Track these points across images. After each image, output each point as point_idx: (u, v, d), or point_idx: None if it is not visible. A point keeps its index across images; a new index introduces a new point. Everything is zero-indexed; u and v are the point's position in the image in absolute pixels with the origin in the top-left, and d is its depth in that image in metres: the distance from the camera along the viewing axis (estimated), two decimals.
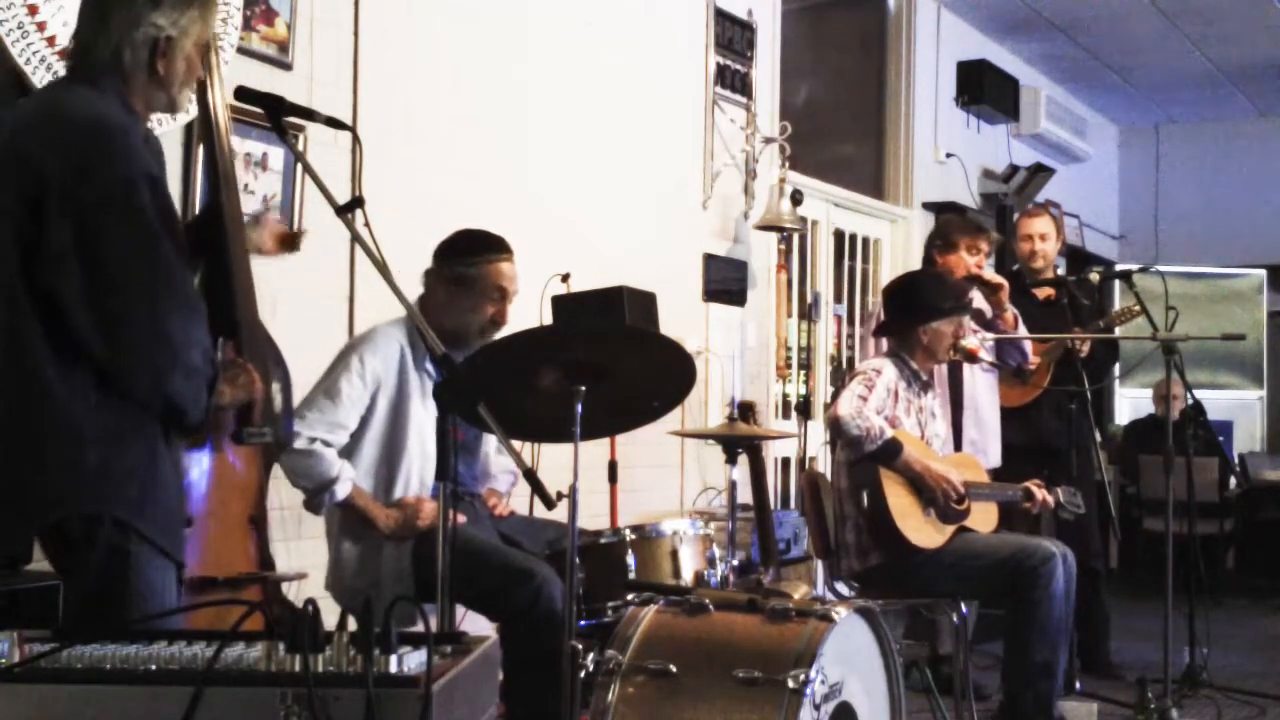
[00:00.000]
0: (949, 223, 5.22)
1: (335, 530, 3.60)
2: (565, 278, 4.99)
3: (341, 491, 3.46)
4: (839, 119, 8.09)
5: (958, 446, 4.71)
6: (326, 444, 3.47)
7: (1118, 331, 5.47)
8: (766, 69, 6.73)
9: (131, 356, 2.36)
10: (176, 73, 2.53)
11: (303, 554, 3.90)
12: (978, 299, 4.90)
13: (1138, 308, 4.98)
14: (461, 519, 3.42)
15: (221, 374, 2.51)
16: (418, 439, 3.54)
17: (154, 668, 1.84)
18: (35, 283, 2.34)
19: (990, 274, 5.01)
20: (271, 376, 2.75)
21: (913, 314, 4.35)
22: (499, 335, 3.58)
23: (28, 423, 2.35)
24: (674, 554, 3.52)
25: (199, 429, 2.53)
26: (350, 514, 3.52)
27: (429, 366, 3.55)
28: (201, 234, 2.70)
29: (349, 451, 3.53)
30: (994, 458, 4.91)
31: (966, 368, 4.82)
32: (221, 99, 2.89)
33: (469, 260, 3.59)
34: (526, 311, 4.85)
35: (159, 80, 2.51)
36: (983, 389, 4.96)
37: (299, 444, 3.42)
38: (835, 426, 4.15)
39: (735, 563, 3.67)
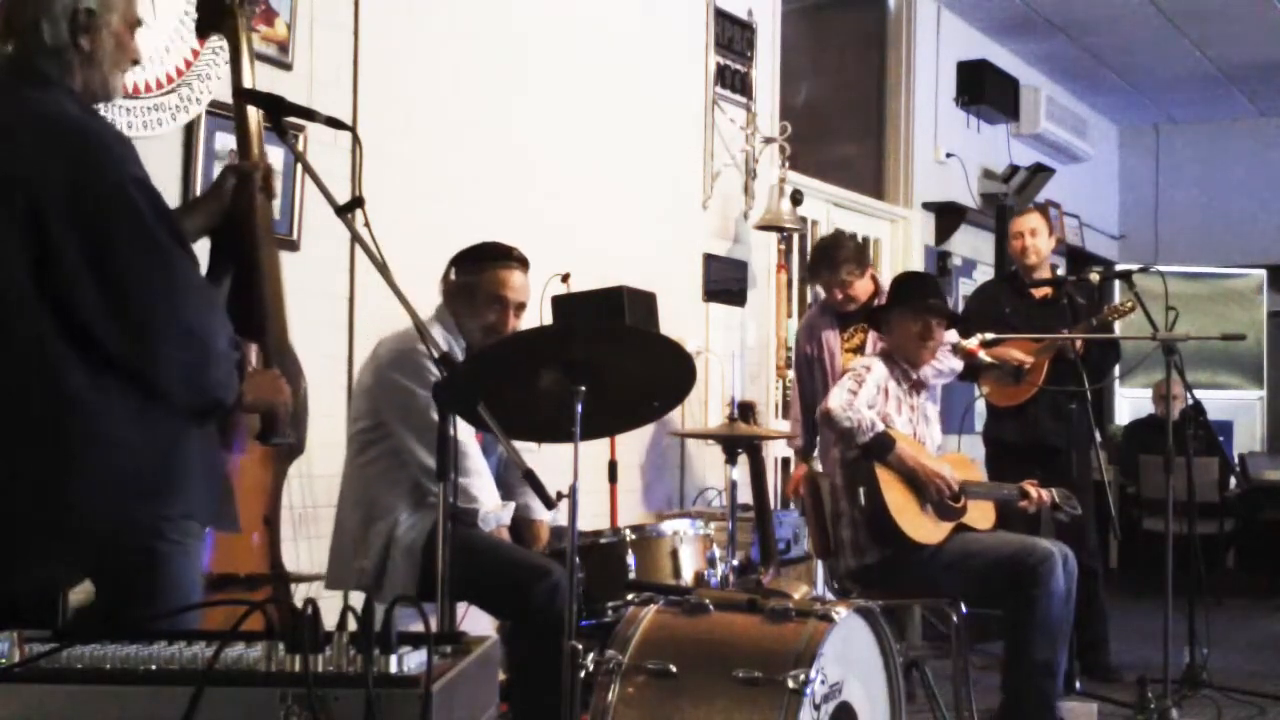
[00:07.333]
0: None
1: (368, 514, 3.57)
2: (565, 278, 5.00)
3: None
4: (839, 119, 8.09)
5: None
6: None
7: (1115, 326, 5.46)
8: (766, 69, 6.72)
9: (161, 358, 2.34)
10: (104, 50, 2.43)
11: (313, 554, 3.90)
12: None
13: (1131, 303, 5.01)
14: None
15: (246, 378, 2.50)
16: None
17: (154, 668, 1.84)
18: (50, 296, 2.30)
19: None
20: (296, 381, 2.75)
21: (887, 306, 4.44)
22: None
23: (62, 439, 2.33)
24: (674, 554, 3.52)
25: (233, 411, 2.52)
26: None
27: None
28: (230, 240, 2.69)
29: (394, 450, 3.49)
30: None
31: None
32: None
33: (470, 268, 3.60)
34: (526, 311, 4.85)
35: (88, 59, 2.42)
36: None
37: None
38: (826, 420, 4.20)
39: (735, 563, 3.67)
